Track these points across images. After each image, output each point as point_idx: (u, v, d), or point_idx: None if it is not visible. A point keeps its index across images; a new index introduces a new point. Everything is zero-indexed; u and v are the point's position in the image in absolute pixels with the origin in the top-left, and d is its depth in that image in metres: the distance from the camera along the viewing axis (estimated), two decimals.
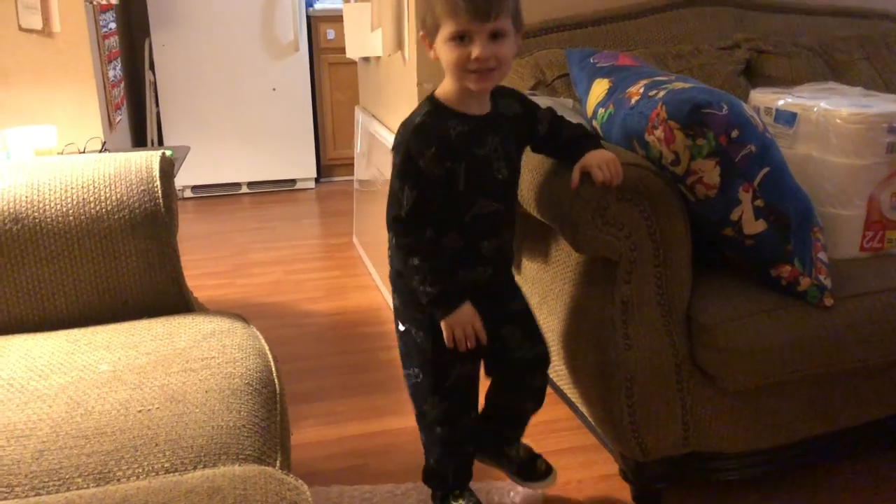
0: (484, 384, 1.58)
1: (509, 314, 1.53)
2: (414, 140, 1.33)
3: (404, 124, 1.37)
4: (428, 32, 1.33)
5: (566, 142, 1.48)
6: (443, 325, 1.37)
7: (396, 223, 1.36)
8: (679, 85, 1.49)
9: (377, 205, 2.95)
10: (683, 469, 1.61)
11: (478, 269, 1.44)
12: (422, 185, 1.33)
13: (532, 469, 1.63)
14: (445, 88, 1.38)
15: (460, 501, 1.56)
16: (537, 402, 1.60)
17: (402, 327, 1.50)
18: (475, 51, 1.27)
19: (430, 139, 1.33)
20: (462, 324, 1.37)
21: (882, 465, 1.78)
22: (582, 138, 1.47)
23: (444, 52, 1.31)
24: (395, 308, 1.51)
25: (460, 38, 1.27)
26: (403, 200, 1.34)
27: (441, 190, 1.35)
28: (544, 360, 1.57)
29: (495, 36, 1.28)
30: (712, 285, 1.54)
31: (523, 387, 1.58)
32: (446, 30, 1.28)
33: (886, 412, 1.67)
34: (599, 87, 1.72)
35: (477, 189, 1.38)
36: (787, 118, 1.74)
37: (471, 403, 1.52)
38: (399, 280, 1.47)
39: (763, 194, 1.43)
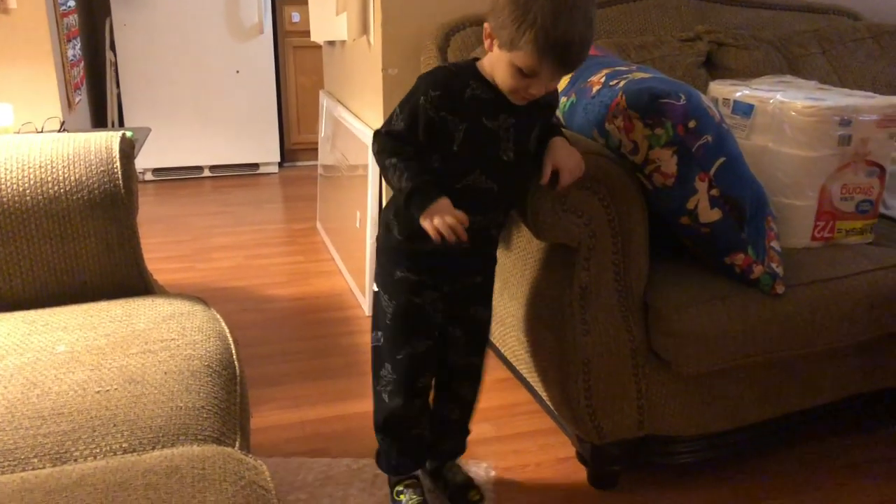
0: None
1: (467, 317, 1.52)
2: (429, 77, 1.35)
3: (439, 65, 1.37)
4: (498, 37, 1.27)
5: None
6: (422, 221, 1.32)
7: (379, 136, 1.38)
8: (639, 75, 1.52)
9: (341, 190, 2.95)
10: (638, 452, 1.65)
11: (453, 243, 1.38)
12: (413, 120, 1.33)
13: (463, 496, 1.60)
14: (488, 60, 1.34)
15: (402, 497, 1.58)
16: (462, 410, 1.61)
17: (375, 288, 1.51)
18: (535, 90, 1.28)
19: (439, 84, 1.33)
20: (440, 212, 1.30)
21: (831, 446, 1.83)
22: (555, 126, 1.48)
23: (503, 69, 1.28)
24: (375, 269, 1.53)
25: (526, 72, 1.25)
26: (392, 123, 1.36)
27: (433, 133, 1.34)
28: (474, 372, 1.57)
29: None
30: (668, 272, 1.58)
31: (450, 391, 1.59)
32: (519, 60, 1.24)
33: (836, 396, 1.73)
34: None
35: (474, 159, 1.36)
36: (745, 110, 1.78)
37: (422, 385, 1.52)
38: (381, 237, 1.48)
39: (719, 184, 1.47)
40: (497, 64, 1.29)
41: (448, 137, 1.34)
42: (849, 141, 1.65)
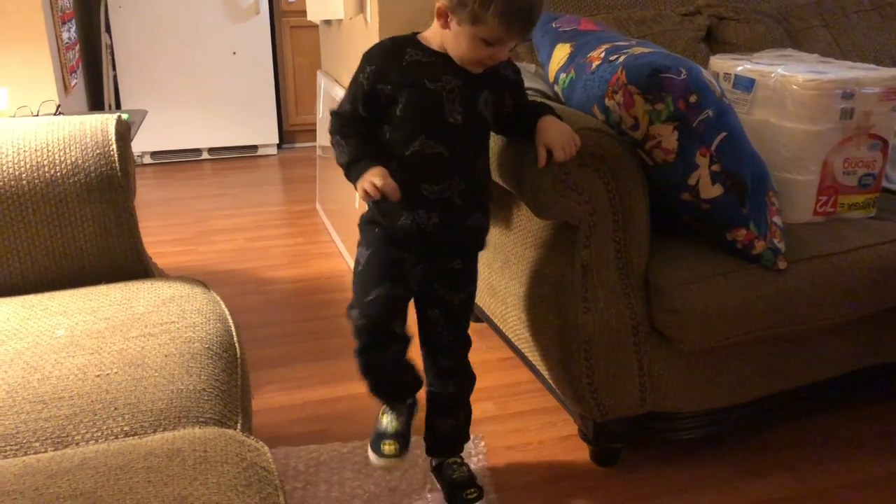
0: None
1: (443, 300, 1.49)
2: (368, 53, 1.40)
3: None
4: (455, 14, 1.29)
5: (520, 109, 1.47)
6: (356, 187, 1.37)
7: (331, 115, 1.44)
8: (639, 50, 1.50)
9: (340, 171, 2.93)
10: (641, 429, 1.65)
11: (420, 213, 1.40)
12: (355, 98, 1.39)
13: (456, 496, 1.55)
14: (430, 33, 1.38)
15: (384, 417, 1.55)
16: (458, 385, 1.56)
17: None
18: (500, 55, 1.33)
19: (376, 58, 1.38)
20: (368, 178, 1.33)
21: (832, 421, 1.83)
22: (542, 106, 1.47)
23: (465, 43, 1.31)
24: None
25: (490, 42, 1.30)
26: (343, 102, 1.43)
27: (377, 106, 1.38)
28: (457, 347, 1.53)
29: None
30: (669, 249, 1.57)
31: (439, 367, 1.54)
32: (484, 32, 1.28)
33: (837, 371, 1.73)
34: (561, 52, 1.72)
35: (419, 123, 1.37)
36: (746, 84, 1.76)
37: (399, 331, 1.46)
38: (367, 210, 1.50)
39: (720, 159, 1.45)
40: (457, 39, 1.32)
41: (392, 106, 1.37)
42: (851, 114, 1.63)
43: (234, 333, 1.29)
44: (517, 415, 1.87)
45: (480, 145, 1.46)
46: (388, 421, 1.55)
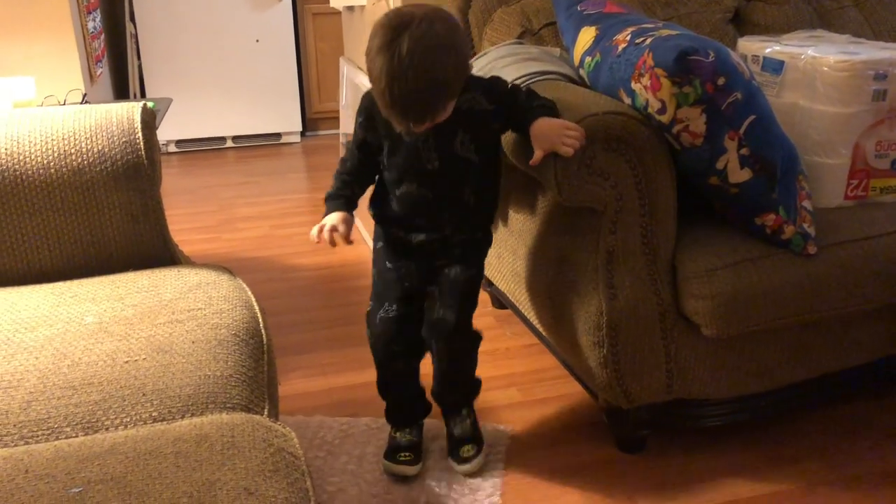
0: None
1: (439, 276, 1.57)
2: (361, 102, 1.50)
3: None
4: None
5: (514, 113, 1.48)
6: None
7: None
8: (666, 32, 1.48)
9: None
10: (667, 416, 1.64)
11: (412, 235, 1.54)
12: (354, 140, 1.53)
13: (455, 451, 1.62)
14: None
15: (397, 434, 1.64)
16: (448, 365, 1.59)
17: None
18: (405, 135, 1.42)
19: (363, 110, 1.49)
20: (326, 221, 1.49)
21: (863, 409, 1.81)
22: (528, 110, 1.46)
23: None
24: None
25: None
26: (350, 143, 1.56)
27: (370, 151, 1.51)
28: (443, 326, 1.55)
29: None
30: (697, 234, 1.55)
31: (432, 346, 1.58)
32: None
33: (868, 358, 1.70)
34: (586, 36, 1.70)
35: (401, 171, 1.48)
36: (775, 66, 1.73)
37: (398, 350, 1.56)
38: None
39: (749, 142, 1.43)
40: None
41: (380, 152, 1.50)
42: (884, 96, 1.60)
43: (260, 320, 1.30)
44: (542, 401, 1.87)
45: (466, 181, 1.51)
46: (401, 435, 1.63)
